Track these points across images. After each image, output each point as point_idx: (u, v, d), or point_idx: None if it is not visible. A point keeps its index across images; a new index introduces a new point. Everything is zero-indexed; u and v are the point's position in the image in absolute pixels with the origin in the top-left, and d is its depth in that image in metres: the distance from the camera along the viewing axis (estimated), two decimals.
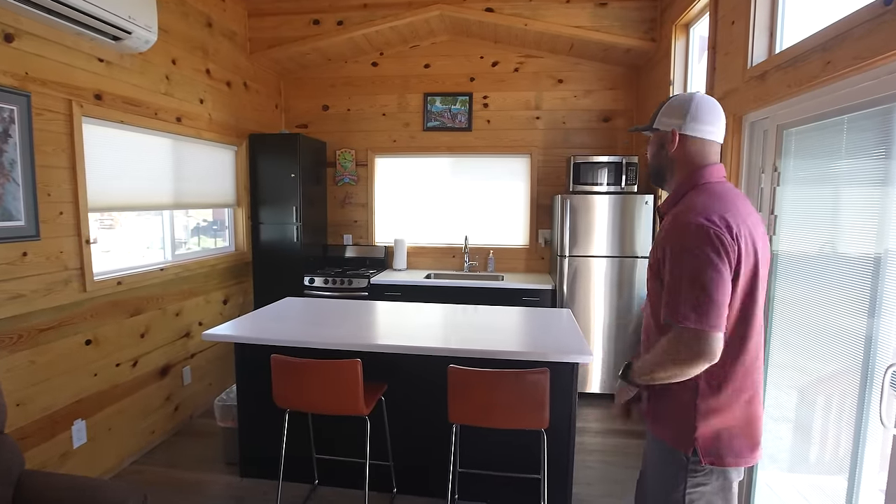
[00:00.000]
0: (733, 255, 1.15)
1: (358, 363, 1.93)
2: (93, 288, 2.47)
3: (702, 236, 1.15)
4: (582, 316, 3.65)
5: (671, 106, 1.33)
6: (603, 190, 3.67)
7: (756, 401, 1.25)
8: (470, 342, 2.17)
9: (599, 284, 3.62)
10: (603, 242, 3.59)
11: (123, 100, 2.66)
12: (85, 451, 2.46)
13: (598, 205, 3.56)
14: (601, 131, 4.19)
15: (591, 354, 2.03)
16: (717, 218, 1.16)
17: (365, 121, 4.44)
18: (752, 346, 1.22)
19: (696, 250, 1.15)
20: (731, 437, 1.22)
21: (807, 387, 1.89)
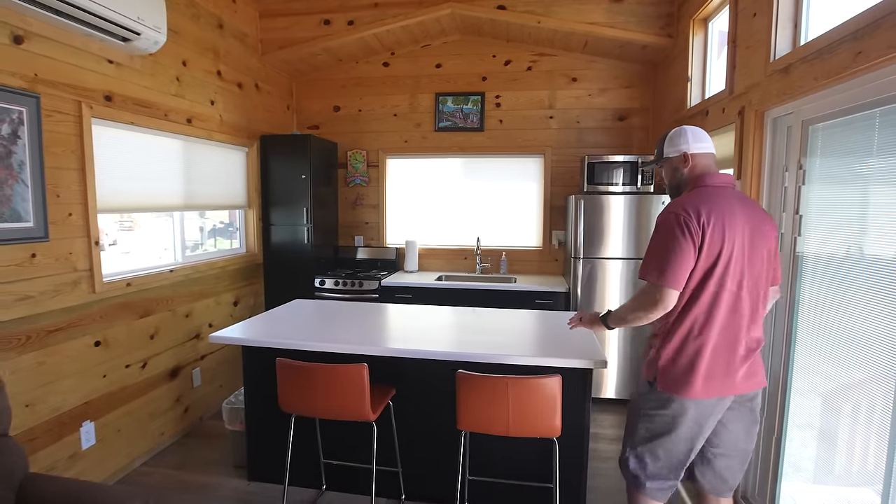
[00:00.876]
0: (697, 237, 1.51)
1: (364, 368, 1.88)
2: (102, 289, 2.47)
3: (672, 220, 1.54)
4: None
5: (671, 138, 1.72)
6: (618, 190, 3.58)
7: (706, 350, 1.54)
8: (480, 346, 2.11)
9: (615, 286, 3.53)
10: (618, 244, 3.50)
11: (134, 101, 2.66)
12: (94, 452, 2.46)
13: (614, 205, 3.47)
14: (616, 130, 4.09)
15: (605, 360, 1.95)
16: (690, 209, 1.53)
17: (376, 121, 4.41)
18: (708, 306, 1.54)
19: (667, 229, 1.55)
20: (682, 373, 1.56)
21: (835, 393, 1.79)
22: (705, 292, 1.53)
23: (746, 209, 1.59)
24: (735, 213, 1.55)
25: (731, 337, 1.55)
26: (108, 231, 3.22)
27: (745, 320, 1.56)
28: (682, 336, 1.57)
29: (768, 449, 2.18)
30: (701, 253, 1.51)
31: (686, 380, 1.55)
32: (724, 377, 1.55)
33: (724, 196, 1.58)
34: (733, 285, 1.54)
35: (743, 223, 1.55)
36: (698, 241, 1.51)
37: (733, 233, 1.52)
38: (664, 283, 1.51)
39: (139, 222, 3.23)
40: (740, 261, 1.54)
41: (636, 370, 3.55)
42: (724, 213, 1.53)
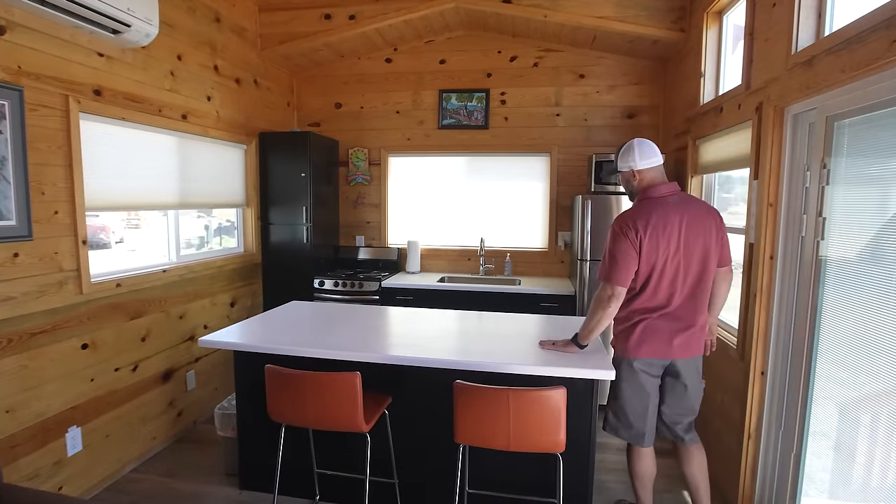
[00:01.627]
0: (636, 243, 1.87)
1: (357, 377, 1.78)
2: (90, 290, 2.39)
3: (618, 231, 1.91)
4: None
5: (622, 154, 2.05)
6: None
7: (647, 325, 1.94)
8: (480, 354, 2.00)
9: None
10: None
11: (125, 96, 2.58)
12: (80, 459, 2.38)
13: (622, 206, 3.35)
14: (625, 129, 3.97)
15: (612, 370, 1.84)
16: (630, 222, 1.90)
17: (378, 119, 4.31)
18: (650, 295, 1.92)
19: (613, 239, 1.92)
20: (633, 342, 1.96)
21: (857, 403, 1.67)
22: (648, 285, 1.92)
23: (683, 212, 1.92)
24: (670, 219, 1.90)
25: (669, 317, 1.94)
26: (114, 229, 3.18)
27: (681, 304, 1.94)
28: (630, 315, 1.97)
29: (786, 464, 2.05)
30: (641, 256, 1.88)
31: (627, 345, 1.97)
32: (661, 345, 1.94)
33: (663, 206, 1.92)
34: (670, 278, 1.91)
35: (678, 226, 1.90)
36: (638, 247, 1.88)
37: (668, 237, 1.89)
38: (614, 282, 1.88)
39: (146, 220, 3.15)
40: (675, 258, 1.90)
41: None
42: (660, 222, 1.89)
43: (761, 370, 2.21)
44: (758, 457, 2.23)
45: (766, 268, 2.16)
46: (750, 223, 2.29)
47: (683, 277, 1.92)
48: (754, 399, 2.23)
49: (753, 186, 2.25)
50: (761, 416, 2.22)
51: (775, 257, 2.14)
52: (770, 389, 2.18)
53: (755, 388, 2.22)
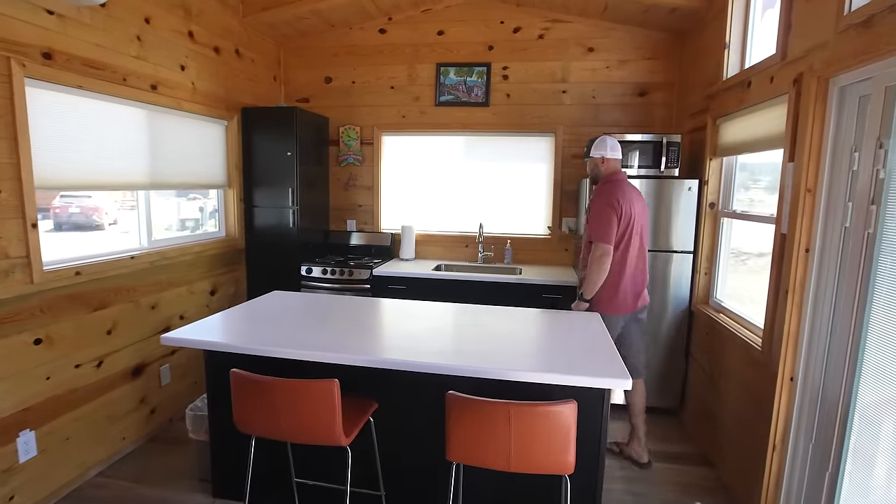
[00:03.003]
0: (618, 213, 2.41)
1: (335, 385, 1.55)
2: (42, 279, 2.14)
3: (605, 203, 2.43)
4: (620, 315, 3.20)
5: (598, 144, 2.57)
6: (638, 173, 3.19)
7: (622, 284, 2.49)
8: (478, 357, 1.76)
9: None
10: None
11: (82, 61, 2.29)
12: (35, 464, 2.16)
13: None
14: (636, 107, 3.68)
15: (628, 378, 1.61)
16: (612, 196, 2.43)
17: (371, 94, 4.02)
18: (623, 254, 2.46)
19: (603, 209, 2.42)
20: (618, 302, 2.51)
21: None
22: (620, 246, 2.46)
23: (634, 192, 2.52)
24: (632, 196, 2.49)
25: (637, 274, 2.54)
26: (107, 210, 3.02)
27: (642, 263, 2.55)
28: (614, 277, 2.48)
29: (818, 483, 1.84)
30: (620, 222, 2.42)
31: (612, 304, 2.51)
32: (633, 300, 2.55)
33: (626, 185, 2.51)
34: (636, 242, 2.49)
35: (637, 202, 2.49)
36: (619, 216, 2.41)
37: (633, 209, 2.45)
38: (605, 241, 2.41)
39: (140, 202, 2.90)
40: (638, 227, 2.48)
41: (650, 374, 3.21)
42: (629, 198, 2.45)
43: (790, 375, 1.98)
44: (783, 471, 2.02)
45: (800, 262, 1.92)
46: (782, 211, 2.04)
47: (639, 243, 2.50)
48: (781, 407, 2.00)
49: (788, 170, 2.00)
50: (789, 426, 2.00)
51: (811, 250, 1.90)
52: (800, 397, 1.96)
53: (783, 396, 2.00)
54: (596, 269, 2.40)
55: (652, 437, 2.96)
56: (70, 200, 2.93)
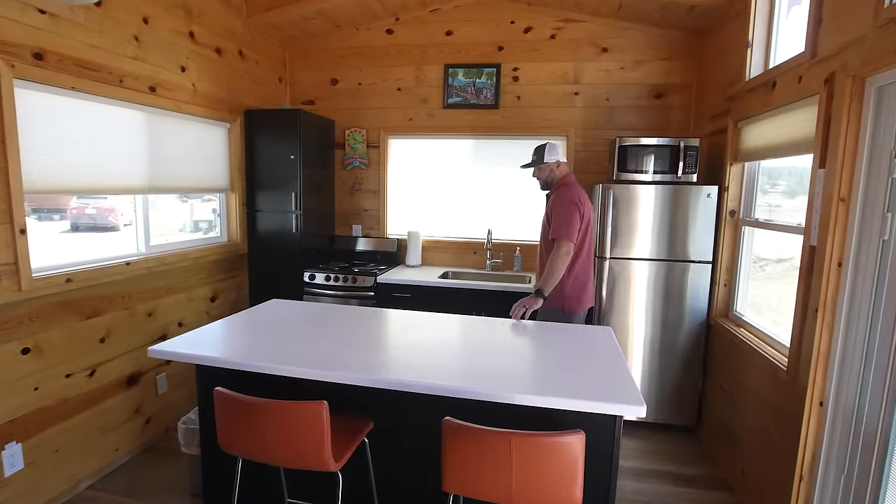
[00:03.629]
0: (580, 212, 2.48)
1: (323, 407, 1.44)
2: (31, 287, 2.07)
3: (569, 203, 2.48)
4: (621, 329, 3.06)
5: (549, 150, 2.61)
6: (654, 179, 3.05)
7: (589, 281, 2.61)
8: (480, 376, 1.64)
9: (643, 292, 3.02)
10: (650, 242, 2.98)
11: (75, 62, 2.23)
12: (22, 478, 2.09)
13: (647, 196, 2.95)
14: (652, 110, 3.54)
15: (642, 404, 1.47)
16: (576, 195, 2.50)
17: (378, 96, 3.92)
18: (578, 254, 2.53)
19: (569, 209, 2.46)
20: (579, 297, 2.57)
21: None
22: (585, 243, 2.55)
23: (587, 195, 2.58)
24: (586, 197, 2.55)
25: (589, 275, 2.61)
26: (122, 211, 2.96)
27: (589, 262, 2.60)
28: (578, 276, 2.55)
29: None
30: (582, 221, 2.48)
31: (581, 300, 2.58)
32: (592, 295, 2.66)
33: (580, 187, 2.57)
34: (586, 241, 2.55)
35: (589, 203, 2.55)
36: (581, 213, 2.48)
37: (587, 210, 2.52)
38: (570, 239, 2.43)
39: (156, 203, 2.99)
40: (588, 226, 2.54)
41: (664, 389, 3.05)
42: (584, 198, 2.53)
43: (819, 399, 1.83)
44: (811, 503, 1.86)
45: (831, 277, 1.77)
46: (811, 222, 1.89)
47: (590, 243, 2.60)
48: (810, 434, 1.85)
49: (819, 177, 1.84)
50: (817, 454, 1.84)
51: (844, 264, 1.74)
52: (830, 424, 1.80)
53: (811, 421, 1.84)
54: (560, 266, 2.42)
55: (666, 456, 2.80)
56: (86, 202, 2.93)
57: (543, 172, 2.63)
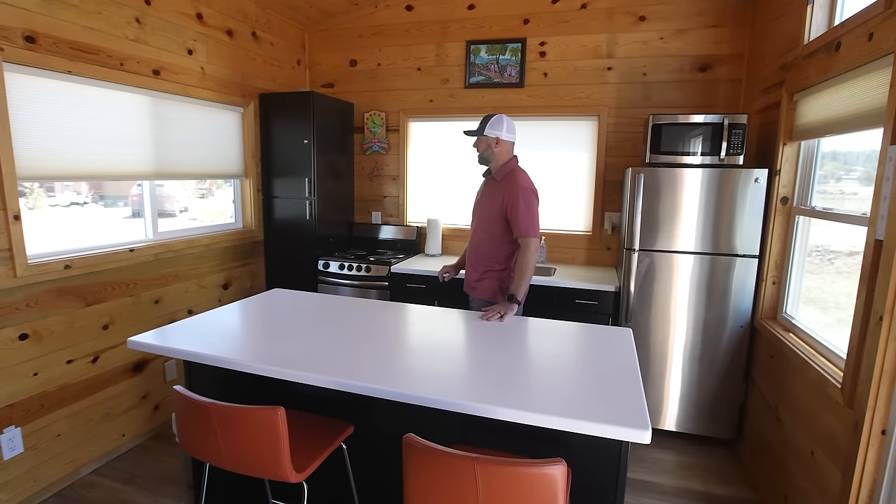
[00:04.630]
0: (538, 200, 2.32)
1: (279, 414, 1.30)
2: (27, 273, 2.06)
3: (530, 191, 2.27)
4: (657, 330, 2.76)
5: (493, 123, 2.31)
6: (692, 162, 2.70)
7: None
8: (455, 383, 1.45)
9: (677, 289, 2.70)
10: (686, 233, 2.65)
11: (71, 45, 2.18)
12: (22, 461, 2.11)
13: (684, 181, 2.61)
14: (696, 84, 3.15)
15: (647, 428, 1.23)
16: (532, 183, 2.32)
17: (397, 77, 3.74)
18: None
19: (531, 198, 2.26)
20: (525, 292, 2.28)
21: None
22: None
23: None
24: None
25: None
26: (178, 198, 3.12)
27: None
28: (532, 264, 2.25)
29: None
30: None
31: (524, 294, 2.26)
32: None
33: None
34: None
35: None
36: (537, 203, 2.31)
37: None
38: (538, 234, 2.24)
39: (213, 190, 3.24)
40: None
41: (701, 397, 2.74)
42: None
43: (881, 427, 1.51)
44: None
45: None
46: (878, 211, 1.55)
47: None
48: (867, 467, 1.54)
49: (890, 155, 1.50)
50: (877, 491, 1.53)
51: None
52: (893, 457, 1.48)
53: (870, 451, 1.53)
54: (532, 266, 2.22)
55: (701, 472, 2.51)
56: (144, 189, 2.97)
57: (481, 145, 2.34)
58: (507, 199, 2.25)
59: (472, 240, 2.45)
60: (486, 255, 2.36)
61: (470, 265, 2.45)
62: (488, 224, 2.34)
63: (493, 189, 2.34)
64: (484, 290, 2.38)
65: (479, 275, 2.39)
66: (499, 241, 2.32)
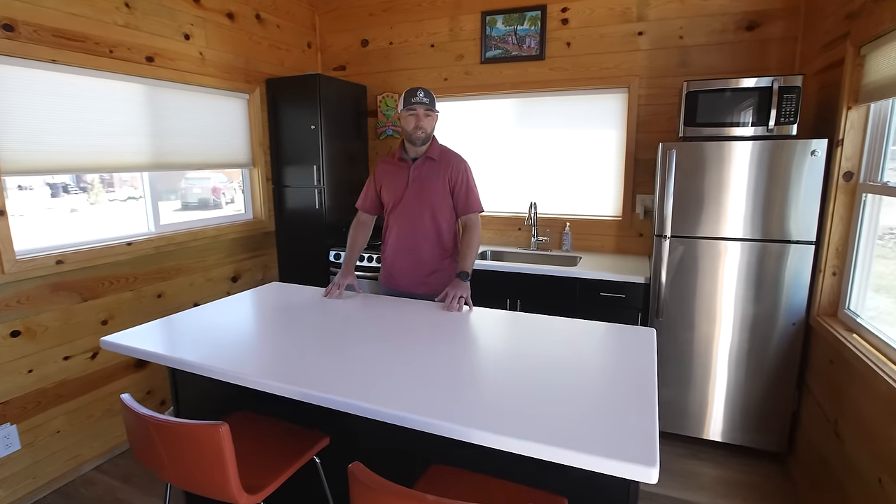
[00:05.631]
0: None
1: (222, 432, 1.14)
2: (16, 269, 2.02)
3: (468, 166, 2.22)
4: (696, 327, 2.44)
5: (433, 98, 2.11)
6: (734, 134, 2.34)
7: None
8: (439, 398, 1.25)
9: (725, 281, 2.37)
10: (732, 216, 2.31)
11: (54, 33, 2.11)
12: (19, 458, 2.09)
13: (728, 156, 2.27)
14: (741, 46, 2.75)
15: (654, 464, 0.99)
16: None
17: (410, 56, 3.52)
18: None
19: (472, 177, 2.22)
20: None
21: None
22: None
23: None
24: None
25: None
26: (224, 190, 3.28)
27: None
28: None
29: None
30: None
31: None
32: None
33: None
34: None
35: None
36: None
37: None
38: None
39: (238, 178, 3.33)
40: None
41: (747, 404, 2.40)
42: None
43: None
44: None
45: None
46: None
47: None
48: None
49: None
50: None
51: None
52: None
53: None
54: (479, 235, 2.18)
55: (746, 491, 2.21)
56: (193, 182, 3.20)
57: (433, 121, 2.13)
58: (454, 175, 2.14)
59: (405, 230, 2.15)
60: (438, 242, 2.17)
61: (410, 258, 2.17)
62: (439, 207, 2.15)
63: (431, 169, 2.14)
64: (438, 282, 2.17)
65: (431, 267, 2.18)
66: (451, 223, 2.20)
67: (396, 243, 2.20)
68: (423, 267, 2.19)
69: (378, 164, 2.28)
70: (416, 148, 2.14)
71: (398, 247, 2.20)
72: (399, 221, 2.18)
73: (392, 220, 2.21)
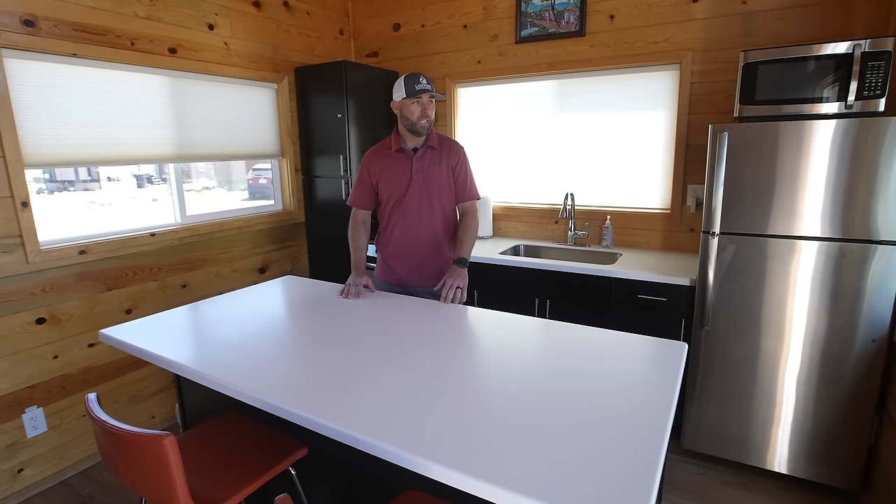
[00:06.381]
0: None
1: (167, 443, 1.06)
2: (40, 259, 2.09)
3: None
4: (737, 339, 2.12)
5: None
6: (802, 112, 1.97)
7: None
8: (421, 426, 1.10)
9: (777, 286, 2.02)
10: (800, 210, 1.95)
11: (75, 27, 2.14)
12: (45, 440, 2.19)
13: (796, 139, 1.91)
14: (816, 8, 2.33)
15: None
16: None
17: (442, 39, 3.34)
18: None
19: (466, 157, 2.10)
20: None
21: None
22: None
23: None
24: None
25: None
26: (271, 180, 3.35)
27: None
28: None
29: None
30: None
31: None
32: None
33: None
34: None
35: None
36: None
37: None
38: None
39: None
40: None
41: (814, 433, 2.05)
42: None
43: None
44: None
45: None
46: None
47: None
48: None
49: None
50: None
51: None
52: None
53: None
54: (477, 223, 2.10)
55: None
56: (258, 173, 3.35)
57: (435, 108, 2.06)
58: (455, 162, 2.05)
59: (411, 224, 2.04)
60: (445, 232, 2.10)
61: (416, 252, 2.07)
62: (446, 197, 2.06)
63: (433, 158, 2.02)
64: (440, 273, 2.09)
65: (436, 260, 2.10)
66: (454, 211, 2.12)
67: (401, 239, 2.06)
68: (428, 260, 2.08)
69: (369, 157, 2.06)
70: (416, 138, 1.98)
71: (403, 243, 2.07)
72: (404, 217, 2.04)
73: (394, 215, 2.06)
